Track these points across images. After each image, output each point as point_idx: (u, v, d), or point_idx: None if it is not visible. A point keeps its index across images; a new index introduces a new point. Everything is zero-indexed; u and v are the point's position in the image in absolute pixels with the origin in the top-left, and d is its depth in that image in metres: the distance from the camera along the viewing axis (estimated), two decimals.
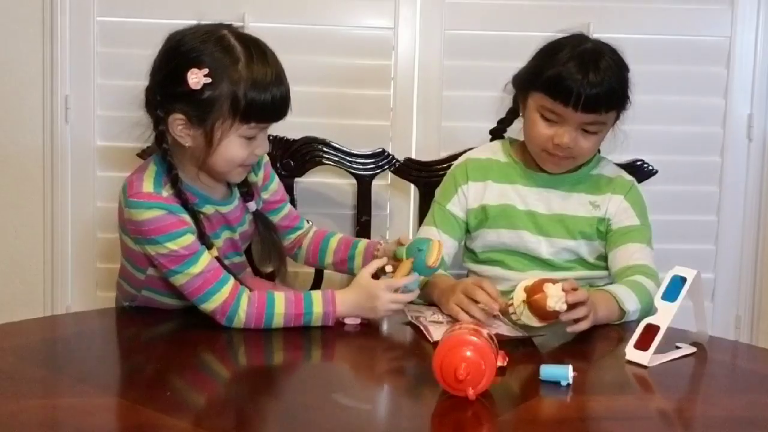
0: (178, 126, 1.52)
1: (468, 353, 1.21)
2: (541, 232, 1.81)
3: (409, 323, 1.60)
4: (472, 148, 1.95)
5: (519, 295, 1.47)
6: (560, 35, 1.78)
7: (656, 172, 2.07)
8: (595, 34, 1.87)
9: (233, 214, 1.66)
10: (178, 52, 1.52)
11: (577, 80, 1.67)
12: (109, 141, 2.20)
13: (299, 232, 1.84)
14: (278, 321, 1.53)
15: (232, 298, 1.52)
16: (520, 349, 1.46)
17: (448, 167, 1.95)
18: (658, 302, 1.45)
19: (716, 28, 2.27)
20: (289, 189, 2.03)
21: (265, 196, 1.76)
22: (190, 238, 1.52)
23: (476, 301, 1.56)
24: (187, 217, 1.54)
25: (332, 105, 2.22)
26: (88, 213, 2.22)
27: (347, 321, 1.60)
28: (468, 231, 1.88)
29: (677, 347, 1.47)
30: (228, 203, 1.65)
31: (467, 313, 1.55)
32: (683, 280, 1.44)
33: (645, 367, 1.38)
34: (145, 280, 1.63)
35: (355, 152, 2.09)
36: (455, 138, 2.19)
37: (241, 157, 1.55)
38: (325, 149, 2.10)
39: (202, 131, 1.51)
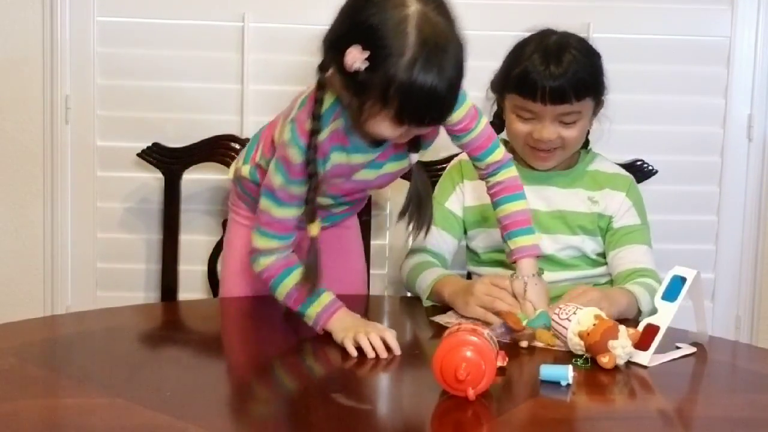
0: (336, 84, 1.45)
1: (468, 353, 1.21)
2: (541, 229, 1.80)
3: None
4: None
5: (574, 341, 1.40)
6: (527, 33, 1.80)
7: (656, 172, 2.08)
8: (595, 34, 1.87)
9: (381, 157, 1.59)
10: (353, 19, 1.42)
11: (539, 72, 1.69)
12: (109, 141, 2.20)
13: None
14: (281, 292, 1.52)
15: (272, 248, 1.54)
16: (520, 349, 1.46)
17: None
18: (658, 302, 1.45)
19: (716, 28, 2.27)
20: None
21: (457, 143, 1.67)
22: (295, 190, 1.50)
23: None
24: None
25: None
26: (88, 213, 2.21)
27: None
28: (465, 230, 1.88)
29: (677, 347, 1.47)
30: (376, 150, 1.58)
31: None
32: (683, 280, 1.44)
33: (645, 367, 1.39)
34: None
35: None
36: None
37: (391, 136, 1.46)
38: None
39: (355, 101, 1.43)
